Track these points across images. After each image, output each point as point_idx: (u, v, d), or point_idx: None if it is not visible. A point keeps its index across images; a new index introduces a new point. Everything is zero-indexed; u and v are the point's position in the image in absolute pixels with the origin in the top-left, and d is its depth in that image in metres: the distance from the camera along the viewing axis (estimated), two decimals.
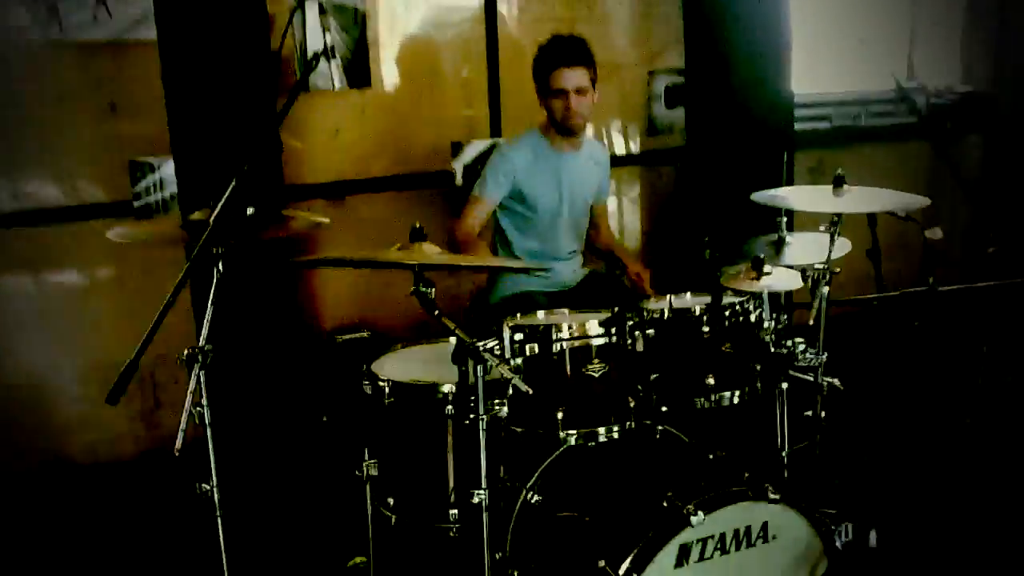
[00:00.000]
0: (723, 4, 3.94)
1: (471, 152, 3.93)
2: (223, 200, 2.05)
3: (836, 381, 2.52)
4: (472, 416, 2.15)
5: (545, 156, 3.28)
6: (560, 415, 2.28)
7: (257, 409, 3.22)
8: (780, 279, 2.62)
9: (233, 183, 2.08)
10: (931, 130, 4.66)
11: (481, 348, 2.09)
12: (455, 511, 2.48)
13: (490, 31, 3.87)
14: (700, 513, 2.08)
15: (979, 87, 4.81)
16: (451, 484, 2.49)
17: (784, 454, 2.69)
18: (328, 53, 2.07)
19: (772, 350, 2.49)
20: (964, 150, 4.88)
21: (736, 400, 2.45)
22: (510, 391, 2.28)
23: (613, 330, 2.29)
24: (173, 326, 3.60)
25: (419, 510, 2.55)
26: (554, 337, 2.26)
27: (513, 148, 3.28)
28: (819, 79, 4.65)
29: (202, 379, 2.35)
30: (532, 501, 2.44)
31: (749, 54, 3.98)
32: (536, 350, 2.27)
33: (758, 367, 2.48)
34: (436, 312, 2.18)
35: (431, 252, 2.27)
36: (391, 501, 2.58)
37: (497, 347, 2.20)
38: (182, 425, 2.30)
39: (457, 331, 2.15)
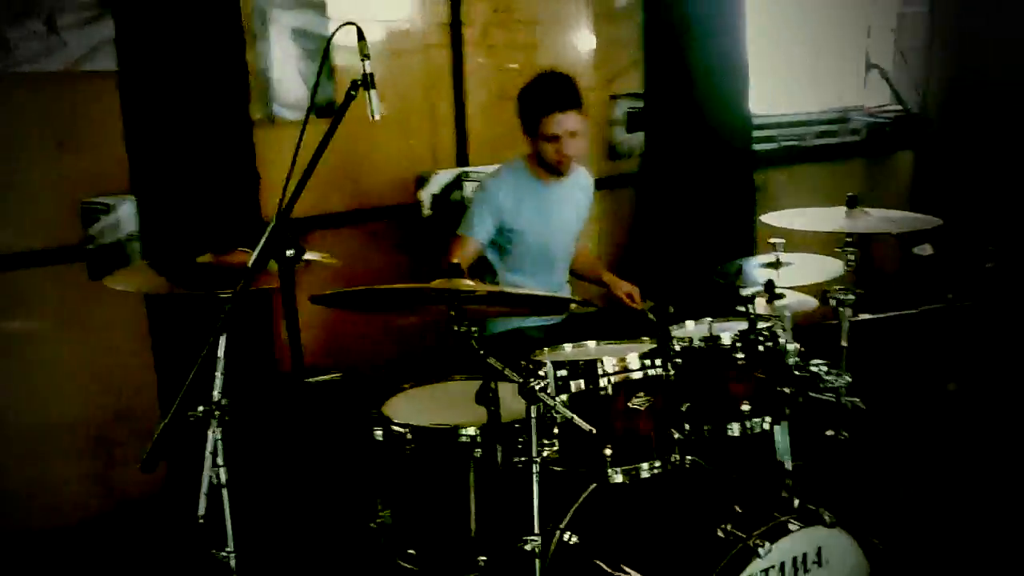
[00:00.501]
0: (682, 27, 3.99)
1: (438, 182, 3.84)
2: (263, 242, 1.91)
3: (858, 401, 2.54)
4: (523, 459, 2.06)
5: (531, 189, 3.20)
6: (609, 452, 2.20)
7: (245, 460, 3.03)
8: (794, 301, 2.62)
9: (272, 223, 1.94)
10: (871, 149, 4.83)
11: (536, 389, 2.00)
12: (483, 558, 2.38)
13: (456, 57, 3.80)
14: (767, 544, 2.04)
15: (908, 108, 5.01)
16: (473, 530, 2.40)
17: (787, 471, 2.68)
18: (368, 81, 1.95)
19: (797, 374, 2.47)
20: (896, 166, 5.07)
21: (766, 426, 2.43)
22: (556, 431, 2.20)
23: (657, 362, 2.24)
24: (130, 378, 3.39)
25: (442, 560, 2.43)
26: (600, 372, 2.19)
27: (496, 183, 3.18)
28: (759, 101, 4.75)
29: (219, 437, 2.18)
30: (569, 542, 2.36)
31: (709, 76, 4.03)
32: (583, 386, 2.19)
33: (787, 391, 2.46)
34: (481, 352, 2.08)
35: (469, 288, 2.16)
36: (412, 552, 2.46)
37: (543, 385, 2.11)
38: (203, 488, 2.15)
39: (507, 371, 2.06)
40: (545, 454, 2.14)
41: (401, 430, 2.45)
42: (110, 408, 3.40)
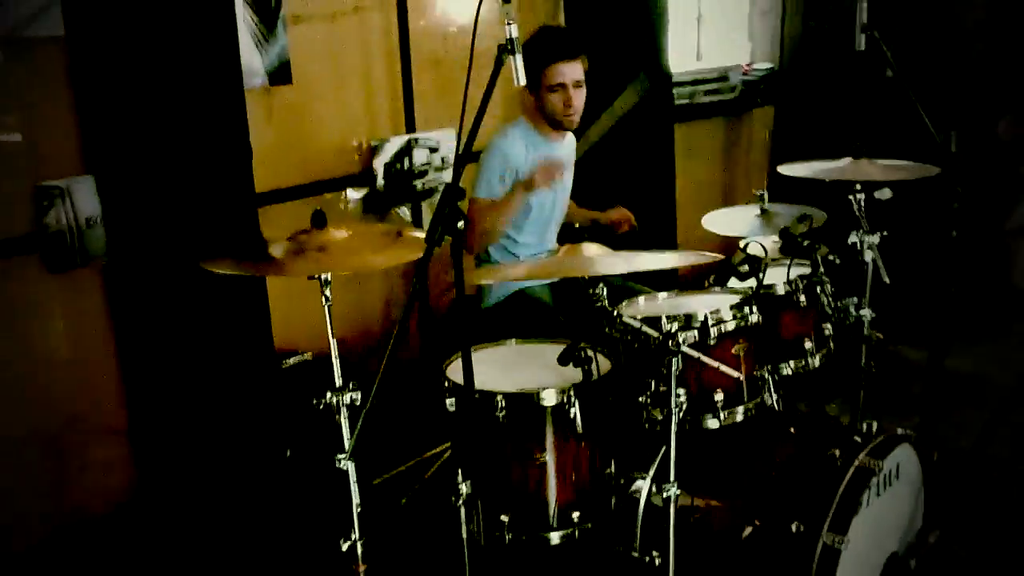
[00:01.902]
0: None
1: (390, 150, 3.73)
2: (436, 213, 1.81)
3: (879, 334, 2.82)
4: (669, 416, 2.13)
5: (539, 144, 3.21)
6: (720, 398, 2.32)
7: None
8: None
9: (445, 187, 1.85)
10: (744, 105, 5.20)
11: (681, 346, 2.07)
12: (576, 514, 2.41)
13: (401, 22, 3.68)
14: (880, 462, 2.25)
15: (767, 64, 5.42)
16: (559, 491, 2.42)
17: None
18: (513, 47, 1.89)
19: (831, 312, 2.70)
20: (756, 120, 5.49)
21: (818, 363, 2.65)
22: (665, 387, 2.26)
23: (754, 308, 2.37)
24: (85, 380, 3.05)
25: (533, 522, 2.43)
26: (710, 322, 2.29)
27: (507, 141, 3.15)
28: None
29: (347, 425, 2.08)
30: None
31: (626, 34, 4.15)
32: (696, 337, 2.27)
33: (830, 327, 2.69)
34: (616, 314, 2.11)
35: (597, 253, 2.18)
36: (505, 519, 2.43)
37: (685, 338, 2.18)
38: (352, 477, 2.04)
39: (644, 328, 2.11)
40: (681, 406, 2.20)
41: (484, 398, 2.39)
42: (61, 414, 3.06)
